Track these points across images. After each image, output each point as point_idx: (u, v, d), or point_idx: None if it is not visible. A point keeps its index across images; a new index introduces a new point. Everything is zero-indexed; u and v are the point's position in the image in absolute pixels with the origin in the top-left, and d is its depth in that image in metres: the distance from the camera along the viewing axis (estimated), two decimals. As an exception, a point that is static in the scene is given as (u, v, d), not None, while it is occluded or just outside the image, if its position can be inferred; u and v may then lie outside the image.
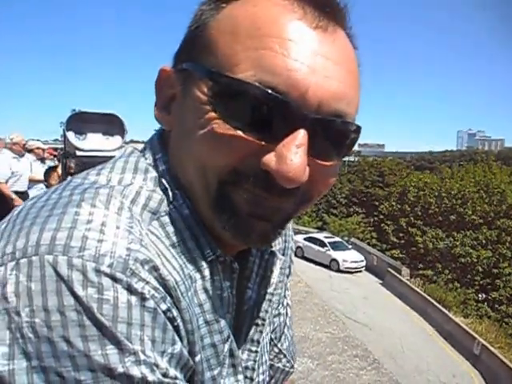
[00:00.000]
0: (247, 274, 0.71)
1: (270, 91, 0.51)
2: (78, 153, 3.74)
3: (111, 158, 0.65)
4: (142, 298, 0.47)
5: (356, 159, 59.46)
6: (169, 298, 0.50)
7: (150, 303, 0.47)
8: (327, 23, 0.55)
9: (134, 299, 0.46)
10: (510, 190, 30.59)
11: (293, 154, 0.52)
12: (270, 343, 0.81)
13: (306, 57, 0.52)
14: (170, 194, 0.59)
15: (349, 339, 10.32)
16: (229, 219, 0.57)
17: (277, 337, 0.86)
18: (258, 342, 0.72)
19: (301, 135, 0.52)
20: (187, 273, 0.56)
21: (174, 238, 0.57)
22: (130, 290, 0.46)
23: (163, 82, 0.63)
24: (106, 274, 0.45)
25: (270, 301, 0.75)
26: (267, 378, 0.77)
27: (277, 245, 0.79)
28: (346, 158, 0.66)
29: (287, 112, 0.52)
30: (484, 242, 27.56)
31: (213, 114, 0.54)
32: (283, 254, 0.80)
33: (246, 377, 0.69)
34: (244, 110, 0.53)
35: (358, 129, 0.58)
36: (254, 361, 0.71)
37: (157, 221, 0.56)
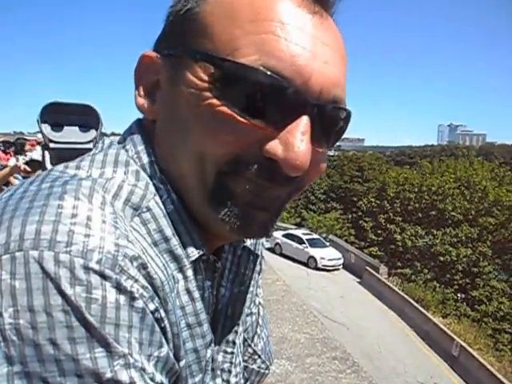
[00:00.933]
0: (220, 271, 0.70)
1: (276, 76, 0.52)
2: (52, 145, 3.76)
3: (87, 150, 0.65)
4: (131, 298, 0.47)
5: (335, 153, 59.90)
6: (157, 298, 0.50)
7: (139, 303, 0.47)
8: (322, 9, 0.57)
9: (122, 299, 0.46)
10: (492, 186, 31.57)
11: (299, 141, 0.54)
12: (243, 344, 0.81)
13: (308, 42, 0.54)
14: (154, 188, 0.59)
15: (328, 340, 10.53)
16: (228, 211, 0.57)
17: (249, 337, 0.86)
18: (234, 343, 0.73)
19: (304, 122, 0.54)
20: (170, 273, 0.56)
21: (156, 236, 0.56)
22: (119, 288, 0.46)
23: (146, 69, 0.62)
24: (95, 271, 0.45)
25: (244, 299, 0.76)
26: (242, 381, 0.77)
27: (247, 240, 0.78)
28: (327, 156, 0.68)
29: (291, 98, 0.54)
30: (464, 239, 28.36)
31: (213, 101, 0.54)
32: (254, 250, 0.79)
33: (222, 380, 0.70)
34: (247, 96, 0.54)
35: (350, 114, 0.61)
36: (231, 363, 0.72)
37: (138, 217, 0.55)
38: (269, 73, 0.52)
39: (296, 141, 0.53)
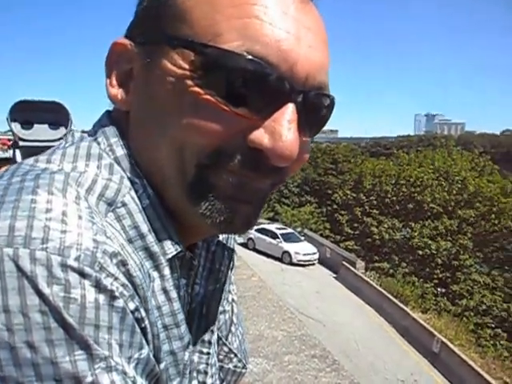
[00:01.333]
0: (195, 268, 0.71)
1: (261, 62, 0.52)
2: (22, 143, 3.80)
3: None
4: (111, 297, 0.46)
5: (308, 145, 60.64)
6: (137, 297, 0.49)
7: (119, 302, 0.46)
8: None
9: (102, 298, 0.45)
10: (472, 177, 31.94)
11: (286, 130, 0.53)
12: (217, 343, 0.81)
13: (292, 27, 0.54)
14: (129, 182, 0.57)
15: (306, 338, 10.32)
16: (209, 205, 0.56)
17: (223, 335, 0.85)
18: (210, 343, 0.73)
19: (291, 110, 0.54)
20: (146, 271, 0.54)
21: (131, 233, 0.55)
22: (99, 287, 0.45)
23: (118, 57, 0.61)
24: (73, 269, 0.44)
25: (219, 296, 0.76)
26: (218, 382, 0.77)
27: (220, 235, 0.78)
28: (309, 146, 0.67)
29: (277, 85, 0.53)
30: (444, 232, 28.72)
31: (194, 89, 0.53)
32: (227, 244, 0.79)
33: (198, 382, 0.70)
34: (230, 83, 0.53)
35: (334, 101, 0.61)
36: (207, 364, 0.72)
37: (112, 213, 0.54)
38: (253, 58, 0.52)
39: (283, 129, 0.54)
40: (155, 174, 0.59)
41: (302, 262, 23.79)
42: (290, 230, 26.70)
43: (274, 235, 24.95)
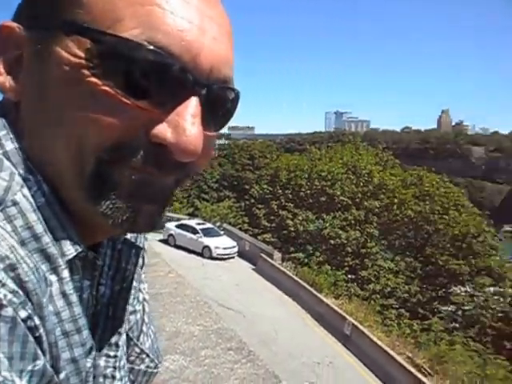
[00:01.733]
0: (100, 268, 0.66)
1: (163, 53, 0.49)
2: None
3: None
4: None
5: (226, 142, 60.96)
6: (29, 304, 0.45)
7: (7, 311, 0.42)
8: None
9: None
10: (377, 170, 33.55)
11: (190, 124, 0.50)
12: (129, 344, 0.76)
13: (195, 17, 0.51)
14: (21, 179, 0.51)
15: (222, 331, 10.26)
16: (110, 204, 0.52)
17: (135, 336, 0.80)
18: (117, 345, 0.68)
19: (194, 103, 0.51)
20: (42, 275, 0.49)
21: (24, 234, 0.49)
22: None
23: (5, 42, 0.54)
24: None
25: (127, 296, 0.71)
26: None
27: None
28: (216, 141, 0.65)
29: (180, 77, 0.50)
30: (353, 222, 29.99)
31: (91, 80, 0.49)
32: (136, 242, 0.74)
33: None
34: (130, 74, 0.49)
35: (239, 95, 0.59)
36: (114, 367, 0.67)
37: (1, 213, 0.48)
38: (154, 48, 0.49)
39: (187, 124, 0.51)
40: (51, 170, 0.53)
41: (222, 256, 23.87)
42: (209, 225, 26.69)
43: (194, 230, 24.81)
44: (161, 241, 25.20)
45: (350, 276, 27.08)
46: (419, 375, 13.52)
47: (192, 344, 9.08)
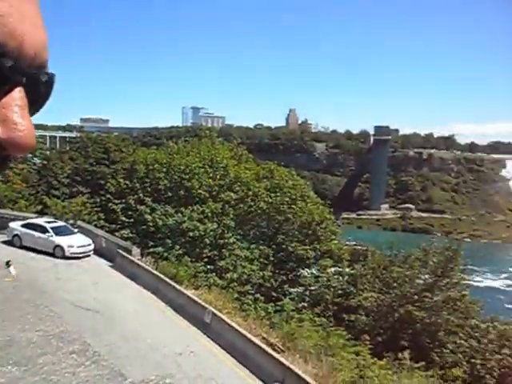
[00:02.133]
0: None
1: None
2: None
3: None
4: None
5: (78, 135, 57.03)
6: None
7: None
8: None
9: None
10: (232, 164, 34.32)
11: (21, 118, 0.47)
12: None
13: (15, 1, 0.47)
14: None
15: (65, 334, 9.24)
16: None
17: None
18: None
19: (21, 94, 0.48)
20: None
21: None
22: None
23: None
24: None
25: None
26: None
27: None
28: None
29: (3, 67, 0.46)
30: (210, 215, 30.05)
31: None
32: None
33: None
34: None
35: (54, 78, 0.53)
36: None
37: None
38: None
39: (17, 117, 0.48)
40: None
41: (76, 255, 22.63)
42: (61, 223, 24.87)
43: (43, 229, 23.04)
44: (4, 242, 23.09)
45: (209, 267, 27.30)
46: (273, 353, 13.98)
47: (29, 352, 7.95)
